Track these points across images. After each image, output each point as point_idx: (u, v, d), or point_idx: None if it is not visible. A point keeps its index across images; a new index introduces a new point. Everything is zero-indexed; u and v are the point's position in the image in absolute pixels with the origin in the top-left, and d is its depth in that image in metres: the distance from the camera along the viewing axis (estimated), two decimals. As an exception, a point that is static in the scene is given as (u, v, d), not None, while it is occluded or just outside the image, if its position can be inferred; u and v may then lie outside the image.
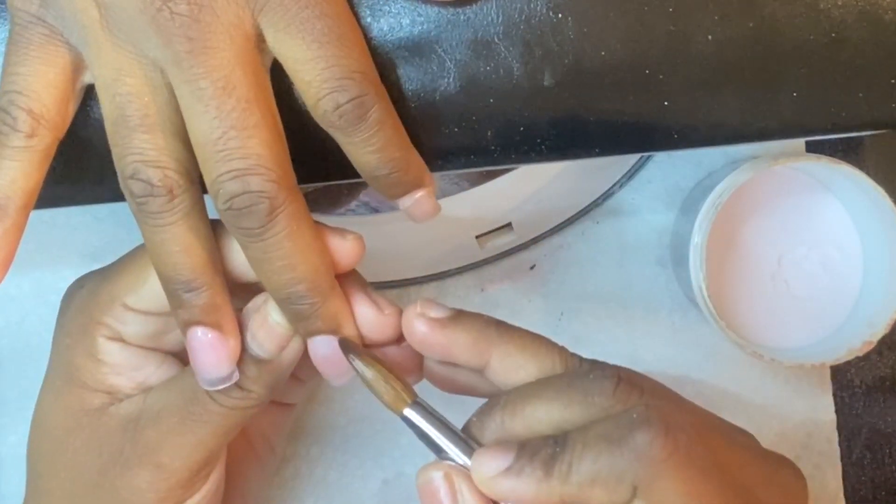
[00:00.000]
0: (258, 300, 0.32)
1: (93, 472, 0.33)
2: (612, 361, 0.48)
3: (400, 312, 0.32)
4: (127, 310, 0.33)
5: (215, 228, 0.31)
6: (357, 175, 0.31)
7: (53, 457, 0.34)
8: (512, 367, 0.31)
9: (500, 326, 0.32)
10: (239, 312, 0.32)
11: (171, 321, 0.34)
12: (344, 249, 0.32)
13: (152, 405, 0.33)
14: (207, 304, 0.30)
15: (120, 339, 0.33)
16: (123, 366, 0.33)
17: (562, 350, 0.32)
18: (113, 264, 0.34)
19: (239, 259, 0.32)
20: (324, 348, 0.32)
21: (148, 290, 0.32)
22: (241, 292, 0.33)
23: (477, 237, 0.46)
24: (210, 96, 0.28)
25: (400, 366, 0.33)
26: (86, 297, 0.33)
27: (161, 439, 0.32)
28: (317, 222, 0.31)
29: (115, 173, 0.30)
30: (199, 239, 0.30)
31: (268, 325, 0.32)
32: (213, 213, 0.31)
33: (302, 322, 0.31)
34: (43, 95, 0.29)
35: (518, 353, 0.31)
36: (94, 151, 0.33)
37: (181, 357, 0.35)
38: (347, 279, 0.32)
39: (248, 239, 0.29)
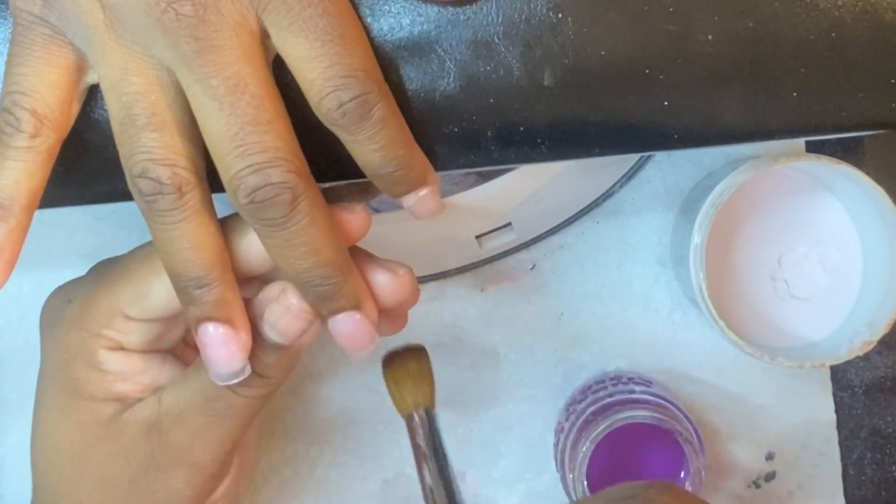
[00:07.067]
0: (273, 289, 0.32)
1: (123, 480, 0.33)
2: (612, 361, 0.49)
3: (411, 269, 0.33)
4: (129, 320, 0.33)
5: (221, 224, 0.31)
6: (361, 174, 0.31)
7: (75, 472, 0.34)
8: None
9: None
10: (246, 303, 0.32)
11: (171, 323, 0.34)
12: (355, 222, 0.32)
13: (172, 407, 0.33)
14: (218, 300, 0.30)
15: (121, 348, 0.33)
16: (128, 372, 0.33)
17: None
18: (103, 275, 0.33)
19: (247, 254, 0.32)
20: (347, 325, 0.32)
21: (151, 301, 0.32)
22: (247, 286, 0.33)
23: (477, 237, 0.46)
24: (223, 94, 0.28)
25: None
26: (78, 310, 0.33)
27: (190, 439, 0.33)
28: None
29: (114, 173, 0.30)
30: (209, 235, 0.30)
31: (291, 312, 0.32)
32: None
33: (325, 302, 0.31)
34: (46, 96, 0.29)
35: None
36: (94, 151, 0.33)
37: (177, 353, 0.35)
38: (354, 253, 0.32)
39: (271, 229, 0.30)
